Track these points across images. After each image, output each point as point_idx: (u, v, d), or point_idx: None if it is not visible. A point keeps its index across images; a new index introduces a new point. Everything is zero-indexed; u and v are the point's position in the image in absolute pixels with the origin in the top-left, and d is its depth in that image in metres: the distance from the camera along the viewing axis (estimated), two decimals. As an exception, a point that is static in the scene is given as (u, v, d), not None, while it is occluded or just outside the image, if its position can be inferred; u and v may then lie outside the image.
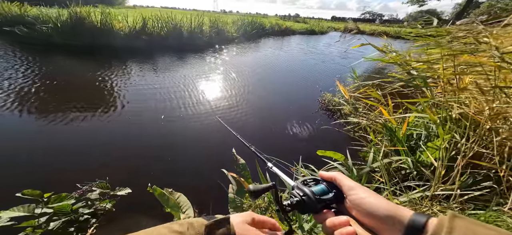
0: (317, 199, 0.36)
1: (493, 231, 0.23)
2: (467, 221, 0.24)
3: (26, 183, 1.32)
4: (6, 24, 6.67)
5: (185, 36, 8.27)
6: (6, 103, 2.88)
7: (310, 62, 7.65)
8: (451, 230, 0.23)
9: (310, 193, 0.36)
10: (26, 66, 4.34)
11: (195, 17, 9.09)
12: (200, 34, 8.80)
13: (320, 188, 0.38)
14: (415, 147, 1.43)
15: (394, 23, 45.96)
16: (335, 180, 0.38)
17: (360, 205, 0.32)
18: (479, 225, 0.24)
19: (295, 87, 4.89)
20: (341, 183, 0.37)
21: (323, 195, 0.37)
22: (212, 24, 9.74)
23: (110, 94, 3.53)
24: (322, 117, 3.35)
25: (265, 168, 0.60)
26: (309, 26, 21.19)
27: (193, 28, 8.58)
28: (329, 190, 0.38)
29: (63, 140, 2.32)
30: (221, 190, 1.66)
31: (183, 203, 1.47)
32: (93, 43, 6.65)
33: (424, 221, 0.26)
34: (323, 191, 0.38)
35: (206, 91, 4.08)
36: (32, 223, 1.11)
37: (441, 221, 0.25)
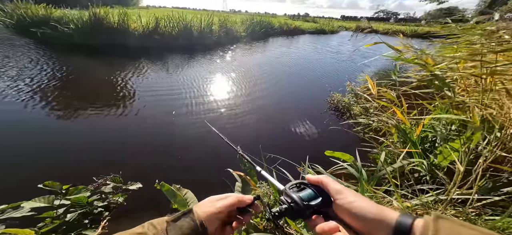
0: (305, 205, 0.35)
1: (477, 232, 0.23)
2: (451, 222, 0.25)
3: (46, 175, 1.41)
4: (33, 25, 7.14)
5: (195, 35, 8.44)
6: (30, 99, 3.09)
7: (320, 62, 7.52)
8: (437, 232, 0.24)
9: (298, 199, 0.36)
10: (49, 65, 4.63)
11: (205, 17, 9.23)
12: (209, 34, 8.94)
13: (307, 193, 0.37)
14: (430, 150, 1.37)
15: (410, 22, 43.97)
16: (322, 183, 0.38)
17: (348, 209, 0.32)
18: (463, 225, 0.24)
19: (303, 86, 4.83)
20: (328, 187, 0.37)
21: (311, 200, 0.36)
22: (221, 24, 9.85)
23: (124, 92, 3.69)
24: (331, 117, 3.29)
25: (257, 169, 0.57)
26: (318, 25, 20.84)
27: (202, 28, 8.73)
28: (317, 194, 0.37)
29: (81, 135, 2.45)
30: (227, 189, 1.68)
31: (190, 199, 1.50)
32: (110, 43, 6.96)
33: (410, 223, 0.27)
34: (311, 196, 0.37)
35: (214, 89, 4.14)
36: (51, 214, 1.16)
37: (427, 223, 0.25)
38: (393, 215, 0.29)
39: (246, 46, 9.58)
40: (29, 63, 4.59)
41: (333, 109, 3.53)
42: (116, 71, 4.59)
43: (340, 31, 23.12)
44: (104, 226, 1.34)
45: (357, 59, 8.18)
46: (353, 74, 5.70)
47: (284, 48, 10.20)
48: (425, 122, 1.60)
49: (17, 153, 2.07)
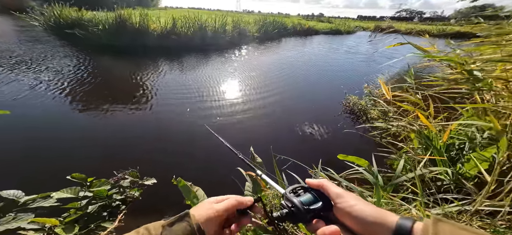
0: (305, 210, 0.35)
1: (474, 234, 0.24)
2: (451, 225, 0.25)
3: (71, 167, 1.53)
4: (67, 27, 7.84)
5: (209, 36, 8.69)
6: (60, 96, 3.39)
7: (334, 63, 7.34)
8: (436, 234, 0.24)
9: (299, 203, 0.36)
10: (79, 64, 5.04)
11: (219, 17, 9.46)
12: (223, 34, 9.15)
13: (308, 197, 0.38)
14: (457, 158, 1.27)
15: (437, 21, 40.99)
16: (322, 187, 0.38)
17: (349, 213, 0.32)
18: (464, 229, 0.25)
19: (317, 88, 4.75)
20: (329, 191, 0.37)
21: (312, 204, 0.36)
22: (234, 24, 10.03)
23: (143, 90, 3.92)
24: (346, 120, 3.19)
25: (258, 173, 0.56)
26: (334, 25, 20.34)
27: (216, 28, 8.97)
28: (317, 198, 0.37)
29: (104, 130, 2.65)
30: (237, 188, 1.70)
31: (200, 197, 1.55)
32: (132, 43, 7.42)
33: (410, 226, 0.27)
34: (312, 200, 0.37)
35: (226, 89, 4.22)
36: (75, 205, 1.24)
37: (426, 226, 0.26)
38: (393, 218, 0.29)
39: (259, 47, 9.64)
40: (62, 63, 5.03)
41: (348, 112, 3.43)
42: (136, 70, 4.89)
43: (357, 32, 22.36)
44: (120, 219, 1.41)
45: (376, 60, 7.86)
46: (372, 76, 5.48)
47: (297, 48, 10.11)
48: (452, 128, 1.49)
49: (48, 145, 2.28)
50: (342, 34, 18.68)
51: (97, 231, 1.26)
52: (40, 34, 7.99)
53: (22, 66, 4.43)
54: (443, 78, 1.71)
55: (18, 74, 4.02)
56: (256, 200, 0.41)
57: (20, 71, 4.19)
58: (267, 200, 1.34)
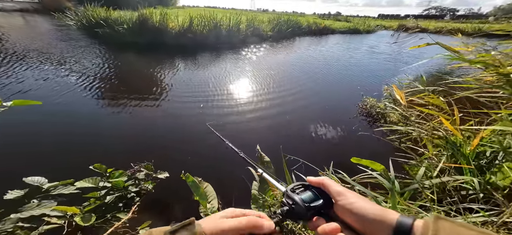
0: (306, 207, 0.36)
1: (475, 232, 0.24)
2: (451, 223, 0.25)
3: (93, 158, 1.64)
4: (97, 26, 8.48)
5: (224, 34, 8.90)
6: (86, 90, 3.68)
7: (350, 63, 7.09)
8: (437, 232, 0.24)
9: (300, 201, 0.36)
10: (105, 61, 5.43)
11: (233, 16, 9.63)
12: (236, 33, 9.31)
13: (309, 195, 0.38)
14: (487, 167, 1.17)
15: (473, 19, 37.25)
16: (323, 185, 0.38)
17: (350, 210, 0.33)
18: (463, 226, 0.25)
19: (331, 88, 4.63)
20: (329, 189, 0.37)
21: (313, 202, 0.37)
22: (248, 23, 10.14)
23: (160, 86, 4.13)
24: (361, 123, 3.08)
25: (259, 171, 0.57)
26: (352, 24, 19.64)
27: (231, 26, 9.14)
28: (318, 196, 0.38)
29: (123, 123, 2.83)
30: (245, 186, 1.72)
31: (210, 193, 1.58)
32: (152, 41, 7.84)
33: (411, 223, 0.27)
34: (312, 198, 0.38)
35: (237, 87, 4.27)
36: (95, 195, 1.31)
37: (427, 224, 0.26)
38: (394, 215, 0.29)
39: (272, 46, 9.64)
40: (89, 59, 5.45)
41: (365, 115, 3.31)
42: (155, 67, 5.17)
43: (378, 31, 21.38)
44: (134, 210, 1.49)
45: (400, 61, 7.47)
46: (393, 78, 5.22)
47: (311, 47, 9.93)
48: (484, 134, 1.38)
49: (73, 137, 2.48)
50: (361, 34, 17.99)
51: (112, 221, 1.35)
52: (74, 33, 8.74)
53: (55, 62, 4.88)
54: (476, 80, 1.58)
55: (53, 70, 4.43)
56: (279, 222, 0.36)
57: (54, 66, 4.62)
58: (275, 200, 1.34)
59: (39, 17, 13.06)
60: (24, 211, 0.85)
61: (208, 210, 1.37)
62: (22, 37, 7.17)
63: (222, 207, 1.60)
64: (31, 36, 7.48)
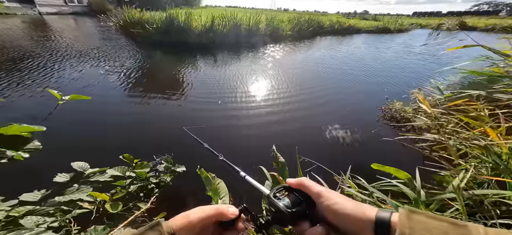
0: (289, 213, 0.35)
1: (446, 222, 0.25)
2: (425, 216, 0.27)
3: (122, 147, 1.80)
4: (131, 26, 9.32)
5: (243, 33, 9.13)
6: (120, 85, 4.07)
7: (376, 64, 6.71)
8: (412, 228, 0.25)
9: (283, 207, 0.36)
10: (135, 58, 5.98)
11: (253, 15, 9.80)
12: (256, 32, 9.46)
13: (291, 199, 0.37)
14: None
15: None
16: (303, 186, 0.38)
17: (331, 211, 0.33)
18: (435, 218, 0.26)
19: (352, 90, 4.43)
20: (309, 190, 0.37)
21: (296, 206, 0.36)
22: (268, 23, 10.21)
23: (181, 82, 4.42)
24: (385, 128, 2.91)
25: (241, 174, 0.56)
26: (381, 23, 18.54)
27: (250, 26, 9.32)
28: (300, 199, 0.37)
29: (148, 116, 3.06)
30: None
31: (222, 189, 1.63)
32: (177, 40, 8.38)
33: (389, 218, 0.28)
34: (295, 202, 0.37)
35: (253, 86, 4.33)
36: (122, 183, 1.42)
37: (402, 221, 0.27)
38: (372, 212, 0.30)
39: (291, 45, 9.56)
40: (123, 57, 6.02)
41: (389, 119, 3.10)
42: (178, 64, 5.58)
43: (412, 30, 19.87)
44: (153, 201, 1.60)
45: (434, 63, 6.87)
46: (425, 81, 4.81)
47: (333, 47, 9.61)
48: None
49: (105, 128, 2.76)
50: (392, 33, 16.89)
51: (133, 210, 1.46)
52: (112, 33, 9.76)
53: (95, 60, 5.50)
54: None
55: (93, 66, 5.01)
56: (242, 210, 0.39)
57: (94, 63, 5.22)
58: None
59: (88, 19, 14.95)
60: (66, 194, 0.95)
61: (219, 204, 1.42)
62: (73, 37, 8.31)
63: (232, 203, 1.64)
64: (79, 36, 8.61)
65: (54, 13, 15.94)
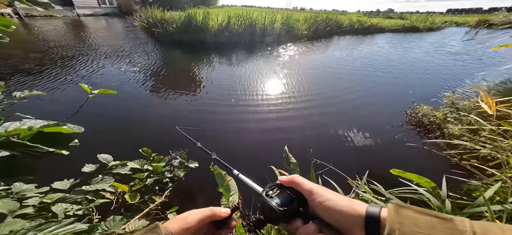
0: (282, 211, 0.35)
1: (430, 216, 0.26)
2: (413, 211, 0.27)
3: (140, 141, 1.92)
4: (153, 26, 9.54)
5: (258, 33, 9.24)
6: (141, 81, 4.34)
7: (400, 64, 6.33)
8: (401, 223, 0.26)
9: (275, 206, 0.36)
10: (156, 56, 6.37)
11: (269, 15, 9.85)
12: (270, 31, 9.51)
13: (284, 197, 0.37)
14: None
15: None
16: (294, 184, 0.38)
17: (323, 208, 0.33)
18: (421, 212, 0.27)
19: (373, 92, 4.23)
20: (300, 188, 0.37)
21: (288, 203, 0.36)
22: (283, 22, 10.19)
23: (198, 80, 4.63)
24: (409, 133, 2.74)
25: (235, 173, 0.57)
26: (408, 22, 17.41)
27: (265, 25, 9.40)
28: (292, 197, 0.37)
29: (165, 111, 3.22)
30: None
31: (233, 187, 1.66)
32: (195, 39, 8.73)
33: (379, 214, 0.29)
34: (287, 199, 0.37)
35: (267, 86, 4.35)
36: (140, 176, 1.49)
37: (391, 216, 0.27)
38: (363, 207, 0.30)
39: (307, 45, 9.44)
40: (145, 55, 6.44)
41: (414, 124, 2.91)
42: (195, 62, 5.84)
43: (446, 28, 18.43)
44: (166, 195, 1.68)
45: (474, 64, 6.31)
46: (460, 82, 4.44)
47: (351, 47, 9.28)
48: None
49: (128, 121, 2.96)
50: (420, 31, 15.83)
51: (148, 202, 1.55)
52: (137, 33, 10.49)
53: (120, 58, 5.96)
54: None
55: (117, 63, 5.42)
56: (233, 210, 0.41)
57: (119, 61, 5.66)
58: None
59: (117, 19, 16.44)
60: (92, 184, 1.04)
61: (229, 203, 1.45)
62: (104, 36, 9.22)
63: (242, 202, 1.66)
64: (109, 36, 9.51)
65: (89, 15, 17.71)
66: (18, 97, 0.58)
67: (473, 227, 0.24)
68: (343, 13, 22.07)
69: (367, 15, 23.77)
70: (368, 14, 25.97)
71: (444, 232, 0.24)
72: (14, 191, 0.84)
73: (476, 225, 0.24)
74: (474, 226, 0.24)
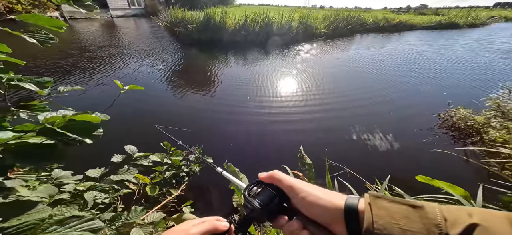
0: (264, 209, 0.35)
1: (405, 205, 0.26)
2: (387, 201, 0.28)
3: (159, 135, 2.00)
4: (175, 25, 9.96)
5: (274, 32, 9.27)
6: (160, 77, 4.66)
7: (433, 63, 5.86)
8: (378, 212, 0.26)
9: (257, 205, 0.35)
10: (176, 55, 6.76)
11: (286, 13, 9.82)
12: (287, 30, 9.46)
13: (266, 195, 0.37)
14: None
15: None
16: (274, 180, 0.38)
17: (306, 204, 0.33)
18: (395, 201, 0.27)
19: (399, 93, 3.97)
20: (281, 184, 0.37)
21: (270, 202, 0.36)
22: (300, 21, 10.09)
23: (214, 77, 4.82)
24: (440, 137, 2.54)
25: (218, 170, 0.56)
26: (445, 18, 16.01)
27: (282, 24, 9.39)
28: (274, 193, 0.37)
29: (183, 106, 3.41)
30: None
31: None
32: (213, 38, 9.04)
33: (356, 204, 0.29)
34: (270, 197, 0.36)
35: (283, 84, 4.35)
36: (160, 169, 1.55)
37: (367, 206, 0.28)
38: (342, 200, 0.31)
39: (324, 43, 9.23)
40: (166, 53, 6.86)
41: (448, 128, 2.68)
42: (212, 61, 6.10)
43: (491, 24, 16.65)
44: (182, 188, 1.77)
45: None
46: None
47: (375, 45, 8.82)
48: None
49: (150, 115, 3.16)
50: (460, 28, 14.46)
51: (166, 195, 1.64)
52: (160, 32, 11.19)
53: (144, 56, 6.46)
54: None
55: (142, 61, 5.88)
56: (231, 221, 0.40)
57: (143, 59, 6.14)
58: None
59: (144, 19, 17.93)
60: (119, 174, 1.12)
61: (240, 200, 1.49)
62: (135, 36, 10.09)
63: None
64: (136, 36, 10.29)
65: (121, 16, 19.79)
66: (61, 91, 0.68)
67: (443, 213, 0.24)
68: (367, 10, 20.94)
69: (395, 12, 22.30)
70: (396, 11, 24.35)
71: (417, 221, 0.25)
72: (53, 177, 0.93)
73: (445, 210, 0.25)
74: (443, 211, 0.25)
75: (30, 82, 0.60)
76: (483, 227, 0.22)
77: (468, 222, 0.23)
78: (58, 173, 0.97)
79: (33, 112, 0.59)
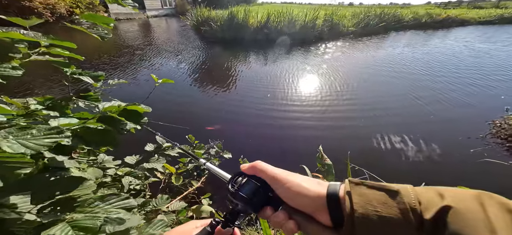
0: (250, 202, 0.35)
1: (382, 191, 0.27)
2: (363, 186, 0.28)
3: None
4: (201, 24, 10.42)
5: (297, 30, 9.17)
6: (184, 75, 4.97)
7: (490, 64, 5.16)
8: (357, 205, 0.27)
9: (240, 199, 0.36)
10: (201, 52, 7.16)
11: (310, 11, 9.63)
12: (311, 29, 9.29)
13: (249, 187, 0.37)
14: None
15: None
16: (257, 171, 0.37)
17: (290, 195, 0.33)
18: (371, 187, 0.28)
19: (444, 98, 3.59)
20: (264, 175, 0.36)
21: (254, 194, 0.36)
22: (326, 18, 9.83)
23: (236, 75, 5.00)
24: (492, 147, 2.28)
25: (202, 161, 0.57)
26: (508, 11, 14.03)
27: (306, 22, 9.24)
28: (258, 185, 0.37)
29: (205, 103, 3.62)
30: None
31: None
32: (236, 36, 9.33)
33: (338, 191, 0.30)
34: (253, 189, 0.36)
35: (305, 85, 4.32)
36: (184, 160, 1.66)
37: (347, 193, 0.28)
38: (324, 188, 0.31)
39: (351, 42, 8.83)
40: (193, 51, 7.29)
41: (504, 137, 2.37)
42: (234, 59, 6.32)
43: None
44: (202, 181, 1.84)
45: None
46: None
47: (413, 45, 8.10)
48: None
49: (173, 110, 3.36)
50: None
51: (188, 186, 1.72)
52: (187, 31, 11.94)
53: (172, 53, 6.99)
54: None
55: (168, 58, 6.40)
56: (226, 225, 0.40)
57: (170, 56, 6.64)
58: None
59: (174, 19, 19.59)
60: (150, 162, 1.20)
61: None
62: (166, 35, 10.93)
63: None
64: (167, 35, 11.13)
65: (154, 16, 22.18)
66: (111, 84, 0.81)
67: (418, 197, 0.25)
68: (405, 6, 19.19)
69: (441, 6, 20.03)
70: (444, 5, 21.81)
71: (394, 207, 0.25)
72: (98, 161, 1.06)
73: (419, 193, 0.25)
74: (418, 195, 0.25)
75: (87, 75, 0.73)
76: (456, 209, 0.22)
77: (441, 204, 0.23)
78: (103, 157, 1.08)
79: (89, 102, 0.72)
